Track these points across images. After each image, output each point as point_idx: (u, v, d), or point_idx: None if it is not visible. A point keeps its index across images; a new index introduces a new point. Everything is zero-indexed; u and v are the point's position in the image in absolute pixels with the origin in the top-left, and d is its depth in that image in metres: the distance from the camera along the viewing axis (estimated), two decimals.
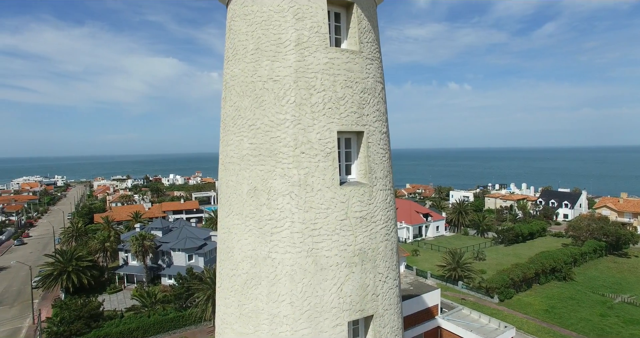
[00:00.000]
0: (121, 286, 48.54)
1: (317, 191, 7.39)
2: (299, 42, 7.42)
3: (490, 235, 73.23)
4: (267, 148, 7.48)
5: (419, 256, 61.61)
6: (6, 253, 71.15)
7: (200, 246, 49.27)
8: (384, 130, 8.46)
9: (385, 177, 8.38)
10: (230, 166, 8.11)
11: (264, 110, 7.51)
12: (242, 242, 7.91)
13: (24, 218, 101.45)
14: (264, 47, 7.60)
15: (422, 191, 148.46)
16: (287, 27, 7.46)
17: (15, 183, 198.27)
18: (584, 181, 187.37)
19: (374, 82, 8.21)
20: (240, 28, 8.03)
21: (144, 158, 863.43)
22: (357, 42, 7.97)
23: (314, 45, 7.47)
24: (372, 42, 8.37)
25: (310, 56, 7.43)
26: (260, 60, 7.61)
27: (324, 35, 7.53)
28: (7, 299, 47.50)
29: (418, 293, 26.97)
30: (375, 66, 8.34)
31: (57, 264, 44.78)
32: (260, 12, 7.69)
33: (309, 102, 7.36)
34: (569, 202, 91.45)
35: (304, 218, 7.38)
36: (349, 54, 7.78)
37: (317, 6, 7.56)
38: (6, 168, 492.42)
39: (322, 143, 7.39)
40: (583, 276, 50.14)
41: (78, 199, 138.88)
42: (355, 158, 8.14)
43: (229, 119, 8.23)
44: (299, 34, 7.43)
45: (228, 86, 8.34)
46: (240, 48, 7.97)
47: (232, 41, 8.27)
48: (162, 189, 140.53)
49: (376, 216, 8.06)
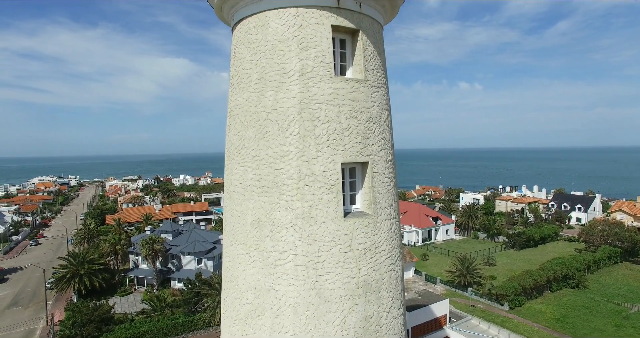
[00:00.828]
0: (132, 289, 49.22)
1: (320, 223, 7.32)
2: (303, 72, 7.35)
3: (501, 239, 72.18)
4: (271, 180, 7.43)
5: (428, 261, 61.06)
6: (22, 253, 72.84)
7: (210, 250, 49.66)
8: (389, 158, 8.34)
9: (390, 206, 8.26)
10: (235, 195, 8.09)
11: (267, 141, 7.46)
12: (246, 272, 7.88)
13: (38, 218, 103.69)
14: (268, 77, 7.55)
15: (432, 193, 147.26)
16: (292, 57, 7.40)
17: (31, 183, 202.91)
18: (598, 183, 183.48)
19: (379, 110, 8.10)
20: (244, 56, 8.00)
21: (155, 158, 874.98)
22: (362, 70, 7.87)
23: (318, 75, 7.39)
24: (378, 68, 8.26)
25: (314, 87, 7.36)
26: (265, 90, 7.57)
27: (328, 65, 7.45)
28: (22, 300, 48.62)
29: (426, 303, 26.71)
30: (380, 93, 8.23)
31: (70, 267, 45.63)
32: (265, 41, 7.64)
33: (313, 134, 7.28)
34: (582, 206, 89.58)
35: (307, 251, 7.31)
36: (354, 83, 7.68)
37: (322, 35, 7.48)
38: (23, 167, 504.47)
39: (326, 175, 7.31)
40: (597, 283, 49.06)
41: (90, 200, 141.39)
42: (359, 187, 8.04)
43: (233, 148, 8.21)
44: (303, 64, 7.36)
45: (232, 114, 8.32)
46: (245, 77, 7.94)
47: (236, 69, 8.25)
48: (172, 190, 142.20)
49: (380, 247, 7.95)
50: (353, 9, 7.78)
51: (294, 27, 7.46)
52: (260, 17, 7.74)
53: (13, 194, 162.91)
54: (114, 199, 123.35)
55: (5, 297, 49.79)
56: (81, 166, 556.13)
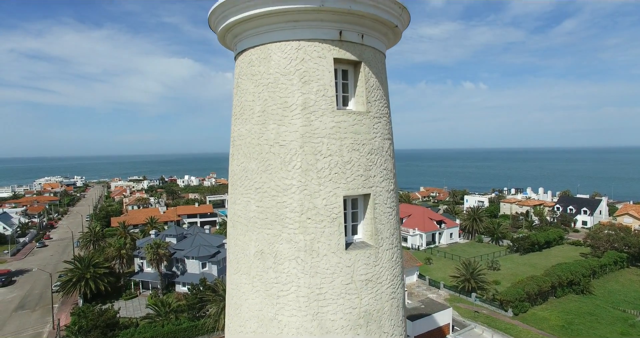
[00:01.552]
0: (136, 293, 49.63)
1: (322, 256, 7.40)
2: (305, 106, 7.42)
3: (505, 243, 71.82)
4: (274, 213, 7.51)
5: (432, 265, 60.92)
6: (29, 255, 73.69)
7: (214, 255, 49.92)
8: (391, 187, 8.39)
9: (391, 235, 8.32)
10: (238, 225, 8.19)
11: (270, 174, 7.55)
12: (250, 302, 7.98)
13: (45, 219, 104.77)
14: (270, 110, 7.63)
15: (436, 195, 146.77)
16: (294, 91, 7.47)
17: (38, 184, 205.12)
18: (605, 185, 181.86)
19: (381, 141, 8.15)
20: (247, 88, 8.08)
21: (160, 158, 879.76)
22: (364, 101, 7.93)
23: (320, 109, 7.45)
24: (380, 99, 8.31)
25: (316, 121, 7.43)
26: (267, 123, 7.65)
27: (330, 99, 7.51)
28: (29, 303, 49.22)
29: (429, 312, 26.69)
30: (383, 123, 8.28)
31: (76, 270, 46.10)
32: (267, 74, 7.72)
33: (315, 168, 7.36)
34: (588, 209, 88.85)
35: (309, 283, 7.39)
36: (355, 116, 7.74)
37: (324, 69, 7.55)
38: (30, 167, 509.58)
39: (328, 208, 7.38)
40: (602, 289, 48.68)
41: (96, 201, 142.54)
42: (361, 218, 8.10)
43: (236, 178, 8.30)
44: (305, 98, 7.43)
45: (235, 145, 8.42)
46: (247, 108, 8.03)
47: (239, 99, 8.34)
48: (177, 192, 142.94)
49: (382, 276, 8.01)
50: (355, 41, 7.84)
51: (296, 61, 7.53)
52: (263, 49, 7.82)
53: (20, 194, 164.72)
54: (119, 200, 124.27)
55: (13, 299, 50.41)
56: (87, 166, 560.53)
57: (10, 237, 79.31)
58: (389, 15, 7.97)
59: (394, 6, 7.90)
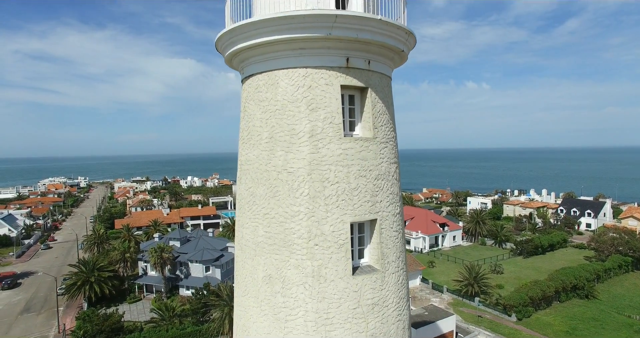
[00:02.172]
0: (140, 296, 49.86)
1: (330, 281, 7.48)
2: (312, 133, 7.50)
3: (509, 246, 71.60)
4: (282, 239, 7.60)
5: (435, 268, 60.84)
6: (34, 257, 74.15)
7: (217, 258, 50.09)
8: (397, 211, 8.46)
9: (397, 258, 8.39)
10: (246, 249, 8.28)
11: (278, 201, 7.63)
12: (258, 325, 8.07)
13: (49, 221, 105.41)
14: (278, 137, 7.72)
15: (439, 196, 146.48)
16: (301, 118, 7.55)
17: (42, 184, 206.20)
18: (609, 186, 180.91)
19: (388, 165, 8.22)
20: (254, 113, 8.17)
21: (163, 158, 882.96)
22: (371, 127, 8.00)
23: (327, 136, 7.53)
24: (387, 123, 8.38)
25: (324, 148, 7.50)
26: (275, 149, 7.73)
27: (337, 126, 7.59)
28: (34, 306, 49.55)
29: (433, 319, 26.72)
30: (389, 147, 8.35)
31: (81, 274, 46.38)
32: (274, 101, 7.80)
33: (322, 195, 7.44)
34: (592, 211, 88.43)
35: (317, 308, 7.48)
36: (362, 142, 7.81)
37: (331, 96, 7.62)
38: (33, 168, 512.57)
39: (335, 234, 7.46)
40: (607, 294, 48.46)
41: (99, 202, 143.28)
42: (368, 242, 8.17)
43: (244, 202, 8.39)
44: (312, 125, 7.51)
45: (243, 169, 8.51)
46: (255, 134, 8.11)
47: (246, 124, 8.43)
48: (180, 193, 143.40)
49: (388, 300, 8.08)
50: (362, 68, 7.91)
51: (304, 88, 7.61)
52: (270, 75, 7.91)
53: (25, 195, 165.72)
54: (123, 202, 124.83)
55: (18, 302, 50.79)
56: (90, 166, 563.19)
57: (16, 239, 79.89)
58: (395, 41, 8.03)
59: (400, 32, 7.96)
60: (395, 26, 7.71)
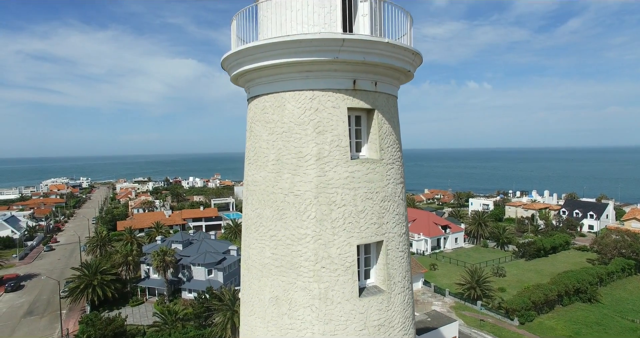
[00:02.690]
0: (143, 299, 49.99)
1: (337, 304, 7.50)
2: (319, 156, 7.51)
3: (511, 248, 71.48)
4: (289, 261, 7.62)
5: (437, 271, 60.79)
6: (36, 258, 74.42)
7: (220, 261, 50.16)
8: (403, 231, 8.46)
9: (403, 278, 8.40)
10: (253, 270, 8.30)
11: (285, 223, 7.65)
12: None
13: (52, 222, 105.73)
14: (284, 160, 7.73)
15: (440, 197, 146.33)
16: (308, 141, 7.56)
17: (44, 185, 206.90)
18: (612, 186, 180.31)
19: (394, 186, 8.23)
20: (261, 134, 8.18)
21: (165, 158, 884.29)
22: (377, 149, 8.01)
23: (334, 159, 7.54)
24: (393, 144, 8.39)
25: (331, 171, 7.52)
26: (282, 172, 7.75)
27: (344, 149, 7.60)
28: (37, 309, 49.72)
29: (435, 325, 26.71)
30: (395, 168, 8.36)
31: (84, 277, 46.52)
32: (281, 123, 7.81)
33: (329, 218, 7.45)
34: (595, 213, 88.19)
35: (324, 330, 7.50)
36: (369, 164, 7.82)
37: (338, 119, 7.64)
38: (36, 168, 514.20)
39: (342, 257, 7.48)
40: (610, 297, 48.33)
41: (102, 203, 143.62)
42: (374, 263, 8.18)
43: (250, 222, 8.41)
44: (319, 148, 7.52)
45: (249, 190, 8.52)
46: (262, 155, 8.13)
47: (253, 144, 8.44)
48: (182, 194, 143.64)
49: (394, 320, 8.09)
50: (369, 89, 7.92)
51: (310, 111, 7.62)
52: (277, 97, 7.92)
53: (27, 196, 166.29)
54: (125, 203, 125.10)
55: (22, 305, 50.97)
56: (92, 166, 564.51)
57: (19, 241, 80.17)
58: (402, 63, 8.04)
59: (406, 53, 7.97)
60: (402, 48, 7.72)
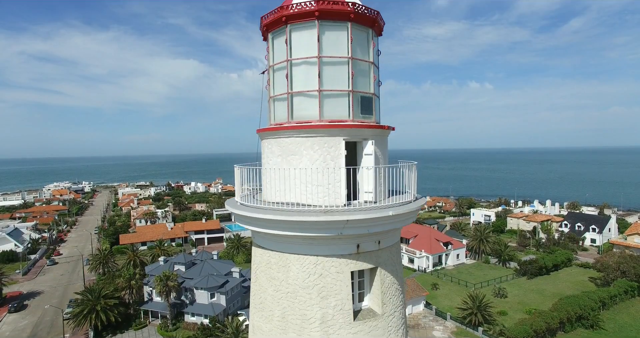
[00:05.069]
0: (146, 322, 50.32)
1: None
2: (323, 320, 7.63)
3: (513, 265, 71.47)
4: None
5: (439, 291, 60.87)
6: (40, 274, 74.81)
7: (222, 284, 50.39)
8: None
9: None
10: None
11: None
12: None
13: (54, 232, 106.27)
14: (289, 319, 7.83)
15: (442, 205, 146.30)
16: (313, 305, 7.67)
17: (47, 190, 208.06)
18: (615, 191, 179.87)
19: (395, 331, 8.32)
20: (266, 288, 8.29)
21: (166, 159, 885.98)
22: (380, 304, 8.10)
23: (337, 323, 7.66)
24: (395, 292, 8.48)
25: (334, 334, 7.63)
26: (287, 330, 7.85)
27: (347, 312, 7.71)
28: (41, 332, 50.08)
29: None
30: (397, 317, 8.45)
31: (87, 302, 46.82)
32: (286, 283, 7.91)
33: None
34: (597, 226, 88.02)
35: None
36: (372, 321, 7.91)
37: (342, 283, 7.73)
38: (38, 169, 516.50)
39: None
40: (613, 323, 48.28)
41: (104, 211, 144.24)
42: None
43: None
44: (323, 312, 7.64)
45: None
46: (267, 308, 8.24)
47: (257, 291, 8.57)
48: (183, 202, 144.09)
49: None
50: (372, 249, 8.03)
51: (315, 276, 7.74)
52: (282, 257, 8.03)
53: (30, 203, 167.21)
54: (127, 212, 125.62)
55: (25, 328, 51.30)
56: (94, 167, 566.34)
57: (22, 255, 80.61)
58: (406, 221, 8.16)
59: (411, 215, 8.09)
60: (407, 213, 7.82)
